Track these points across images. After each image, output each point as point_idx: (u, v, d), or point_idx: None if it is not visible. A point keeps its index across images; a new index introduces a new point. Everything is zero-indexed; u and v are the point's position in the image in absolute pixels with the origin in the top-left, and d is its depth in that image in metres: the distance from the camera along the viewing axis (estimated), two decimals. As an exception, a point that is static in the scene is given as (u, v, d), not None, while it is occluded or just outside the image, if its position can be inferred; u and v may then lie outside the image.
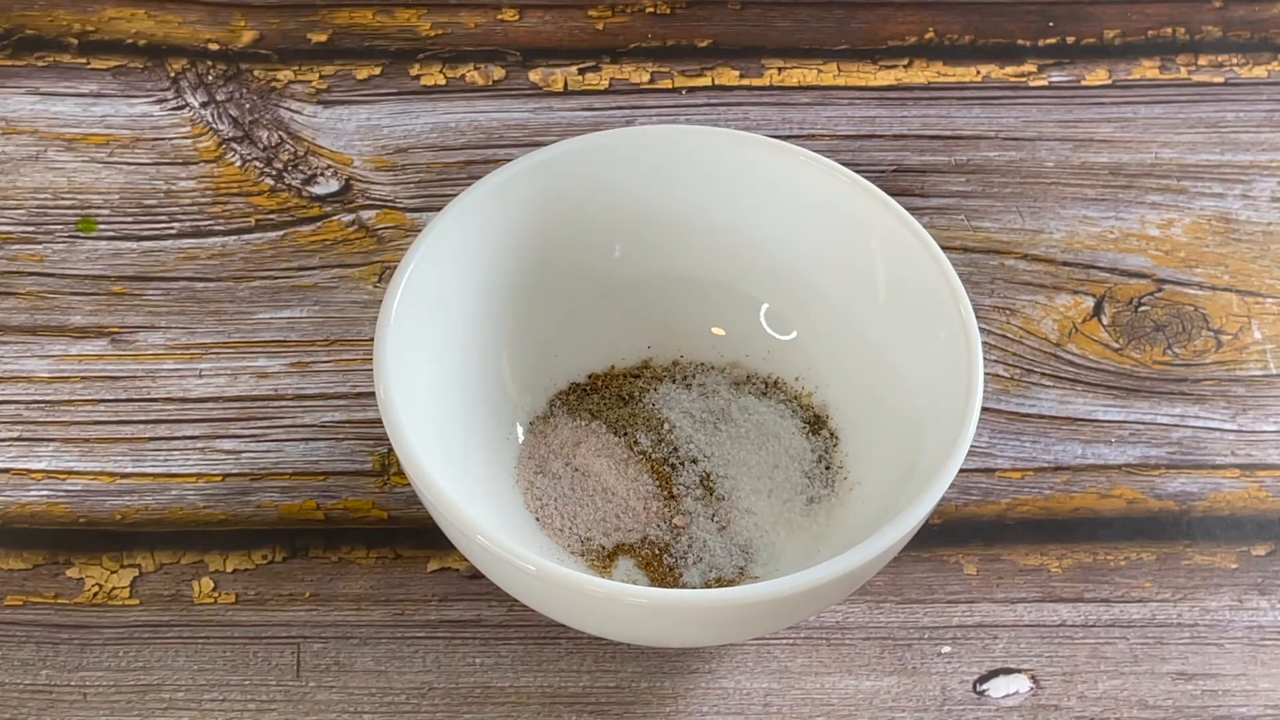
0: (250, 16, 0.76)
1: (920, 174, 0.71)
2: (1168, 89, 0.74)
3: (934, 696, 0.57)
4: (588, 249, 0.62)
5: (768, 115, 0.73)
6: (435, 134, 0.72)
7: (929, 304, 0.57)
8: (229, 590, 0.59)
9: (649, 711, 0.57)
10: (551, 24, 0.76)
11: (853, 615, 0.59)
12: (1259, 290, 0.68)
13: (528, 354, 0.61)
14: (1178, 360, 0.66)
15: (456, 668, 0.58)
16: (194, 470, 0.62)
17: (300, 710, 0.57)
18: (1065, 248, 0.69)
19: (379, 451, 0.63)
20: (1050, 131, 0.73)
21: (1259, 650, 0.59)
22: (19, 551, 0.60)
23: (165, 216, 0.69)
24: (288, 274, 0.67)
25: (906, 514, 0.52)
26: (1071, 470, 0.63)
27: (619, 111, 0.73)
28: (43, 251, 0.68)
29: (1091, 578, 0.60)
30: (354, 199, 0.70)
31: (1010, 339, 0.66)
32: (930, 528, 0.61)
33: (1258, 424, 0.64)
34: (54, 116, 0.72)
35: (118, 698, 0.57)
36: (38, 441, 0.62)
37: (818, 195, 0.60)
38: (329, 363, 0.65)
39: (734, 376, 0.63)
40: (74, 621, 0.58)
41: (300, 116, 0.72)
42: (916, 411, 0.57)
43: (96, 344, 0.65)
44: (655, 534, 0.59)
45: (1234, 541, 0.61)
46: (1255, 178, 0.72)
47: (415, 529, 0.60)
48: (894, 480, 0.57)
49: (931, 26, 0.76)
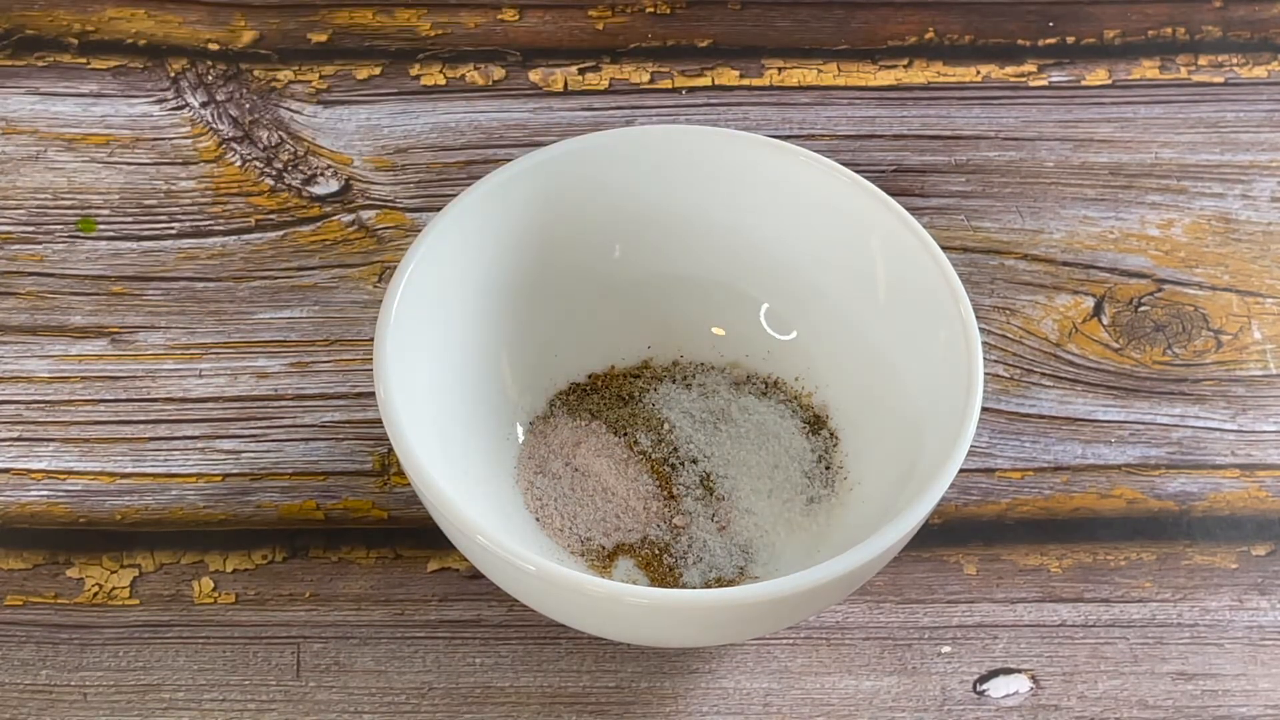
0: (250, 16, 0.76)
1: (920, 174, 0.71)
2: (1168, 89, 0.74)
3: (934, 696, 0.57)
4: (588, 249, 0.62)
5: (768, 115, 0.73)
6: (435, 134, 0.72)
7: (929, 304, 0.57)
8: (229, 590, 0.59)
9: (649, 711, 0.57)
10: (551, 24, 0.76)
11: (853, 615, 0.59)
12: (1259, 290, 0.68)
13: (528, 354, 0.61)
14: (1178, 360, 0.66)
15: (456, 668, 0.57)
16: (194, 470, 0.62)
17: (300, 710, 0.57)
18: (1065, 248, 0.69)
19: (379, 451, 0.63)
20: (1050, 131, 0.73)
21: (1259, 650, 0.59)
22: (19, 551, 0.60)
23: (165, 216, 0.69)
24: (288, 274, 0.67)
25: (906, 514, 0.52)
26: (1071, 470, 0.63)
27: (619, 111, 0.73)
28: (43, 251, 0.68)
29: (1091, 578, 0.60)
30: (354, 199, 0.70)
31: (1010, 339, 0.66)
32: (930, 528, 0.61)
33: (1258, 424, 0.64)
34: (54, 116, 0.72)
35: (118, 698, 0.57)
36: (38, 441, 0.62)
37: (818, 195, 0.60)
38: (329, 363, 0.65)
39: (734, 376, 0.63)
40: (74, 621, 0.58)
41: (300, 116, 0.72)
42: (916, 411, 0.57)
43: (96, 344, 0.65)
44: (655, 534, 0.59)
45: (1234, 541, 0.61)
46: (1255, 178, 0.71)
47: (415, 529, 0.60)
48: (894, 480, 0.57)
49: (931, 26, 0.76)
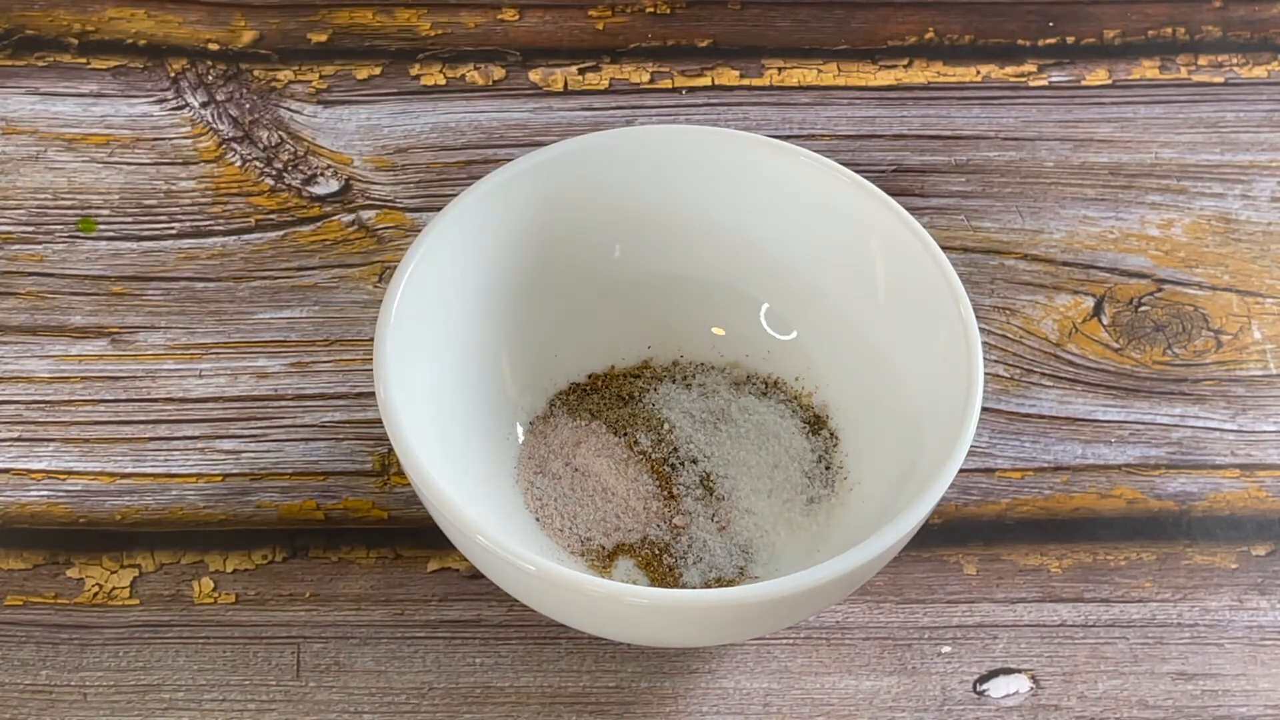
0: (250, 16, 0.76)
1: (920, 174, 0.71)
2: (1168, 89, 0.74)
3: (934, 696, 0.57)
4: (588, 249, 0.62)
5: (768, 115, 0.73)
6: (435, 134, 0.72)
7: (929, 304, 0.57)
8: (229, 590, 0.59)
9: (649, 711, 0.57)
10: (551, 24, 0.76)
11: (853, 615, 0.59)
12: (1259, 290, 0.68)
13: (528, 354, 0.61)
14: (1178, 360, 0.66)
15: (456, 668, 0.57)
16: (194, 470, 0.62)
17: (300, 710, 0.56)
18: (1065, 248, 0.69)
19: (379, 451, 0.63)
20: (1050, 131, 0.73)
21: (1259, 650, 0.59)
22: (19, 551, 0.60)
23: (165, 216, 0.69)
24: (288, 274, 0.67)
25: (906, 514, 0.52)
26: (1071, 470, 0.63)
27: (619, 111, 0.73)
28: (43, 251, 0.68)
29: (1091, 578, 0.60)
30: (354, 199, 0.70)
31: (1010, 339, 0.66)
32: (930, 528, 0.61)
33: (1258, 424, 0.64)
34: (54, 116, 0.72)
35: (118, 698, 0.57)
36: (38, 441, 0.62)
37: (818, 195, 0.60)
38: (329, 363, 0.65)
39: (734, 376, 0.63)
40: (74, 621, 0.58)
41: (300, 116, 0.72)
42: (916, 411, 0.57)
43: (96, 344, 0.65)
44: (655, 534, 0.59)
45: (1234, 541, 0.61)
46: (1255, 178, 0.71)
47: (415, 529, 0.60)
48: (894, 480, 0.57)
49: (931, 26, 0.76)
